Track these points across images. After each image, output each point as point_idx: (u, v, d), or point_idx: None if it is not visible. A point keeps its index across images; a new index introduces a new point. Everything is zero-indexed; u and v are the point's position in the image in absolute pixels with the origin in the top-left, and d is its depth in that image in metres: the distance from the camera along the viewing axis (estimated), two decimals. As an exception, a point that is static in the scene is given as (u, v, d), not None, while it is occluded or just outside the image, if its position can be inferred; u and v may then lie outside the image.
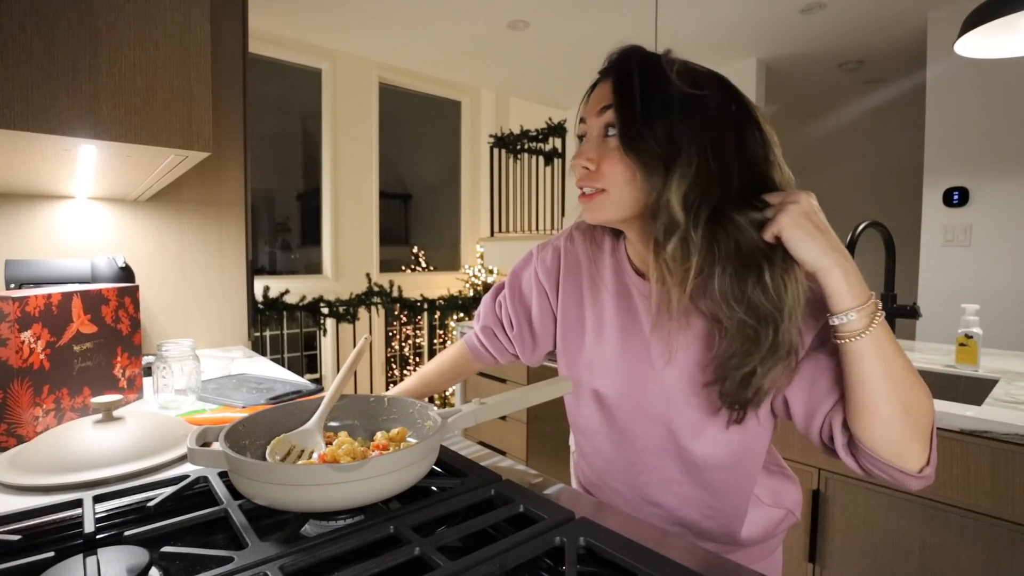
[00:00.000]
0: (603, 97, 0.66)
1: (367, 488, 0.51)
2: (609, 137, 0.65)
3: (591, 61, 3.49)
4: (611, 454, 0.78)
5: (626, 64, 0.66)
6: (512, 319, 0.88)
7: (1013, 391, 1.28)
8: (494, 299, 0.92)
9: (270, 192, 4.87)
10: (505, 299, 0.89)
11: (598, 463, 0.82)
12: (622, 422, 0.75)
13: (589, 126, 0.68)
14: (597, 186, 0.66)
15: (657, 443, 0.73)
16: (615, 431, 0.77)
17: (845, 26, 3.02)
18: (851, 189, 4.67)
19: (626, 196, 0.65)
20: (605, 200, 0.66)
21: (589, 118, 0.68)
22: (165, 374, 1.02)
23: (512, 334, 0.88)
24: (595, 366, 0.77)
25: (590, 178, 0.66)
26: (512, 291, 0.89)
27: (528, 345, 0.88)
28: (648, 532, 0.57)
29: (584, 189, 0.67)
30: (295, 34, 3.50)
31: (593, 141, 0.67)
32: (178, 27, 0.79)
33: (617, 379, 0.74)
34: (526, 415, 2.30)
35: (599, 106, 0.66)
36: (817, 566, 1.34)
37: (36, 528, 0.55)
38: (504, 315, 0.89)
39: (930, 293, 2.86)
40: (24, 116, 0.69)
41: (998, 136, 2.66)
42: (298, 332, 4.62)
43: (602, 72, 0.69)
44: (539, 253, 0.86)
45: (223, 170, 1.63)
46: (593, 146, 0.67)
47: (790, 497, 0.78)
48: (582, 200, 0.68)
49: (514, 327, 0.88)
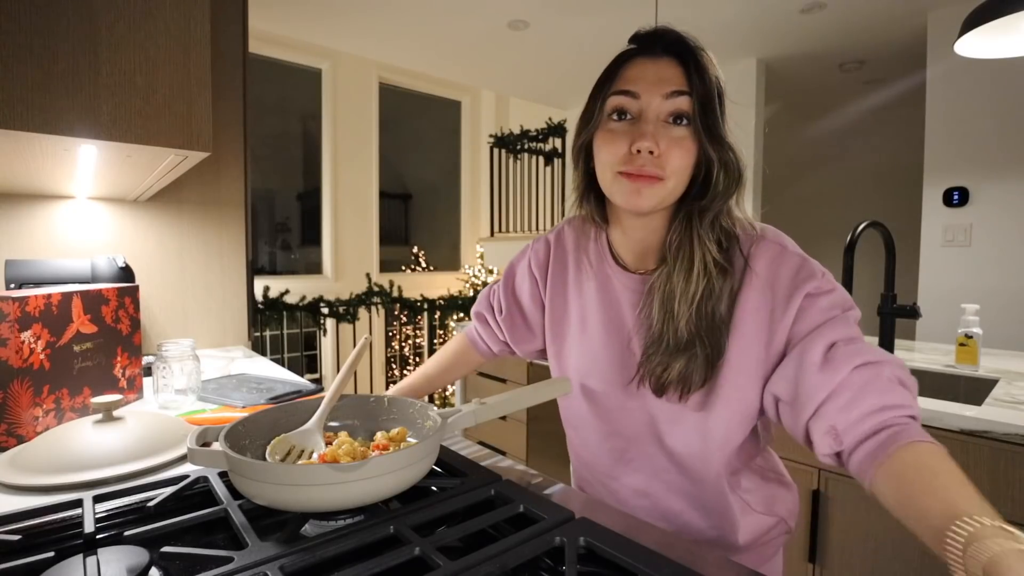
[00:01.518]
0: (670, 79, 0.63)
1: (367, 488, 0.51)
2: (677, 125, 0.63)
3: (591, 61, 3.49)
4: (599, 446, 0.79)
5: (687, 48, 0.64)
6: (503, 304, 0.90)
7: (1013, 391, 1.28)
8: (491, 289, 0.95)
9: (270, 192, 4.87)
10: (499, 287, 0.92)
11: (587, 456, 0.82)
12: (607, 412, 0.76)
13: (646, 105, 0.63)
14: (658, 173, 0.63)
15: (642, 431, 0.73)
16: (601, 421, 0.77)
17: (845, 26, 3.02)
18: (851, 189, 4.67)
19: (678, 192, 0.65)
20: (661, 189, 0.63)
21: (650, 97, 0.63)
22: (165, 374, 1.02)
23: (501, 319, 0.90)
24: (581, 357, 0.78)
25: (655, 164, 0.62)
26: (506, 281, 0.90)
27: (521, 331, 0.89)
28: (648, 532, 0.57)
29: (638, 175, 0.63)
30: (295, 34, 3.50)
31: (656, 124, 0.63)
32: (178, 27, 0.79)
33: (602, 369, 0.75)
34: (526, 415, 2.30)
35: (668, 88, 0.62)
36: (817, 566, 1.34)
37: (36, 528, 0.55)
38: (496, 300, 0.92)
39: (930, 293, 2.86)
40: (24, 116, 0.68)
41: (998, 136, 2.66)
42: (298, 332, 4.62)
43: (645, 47, 0.66)
44: (533, 245, 0.87)
45: (223, 170, 1.63)
46: (659, 130, 0.63)
47: (784, 506, 0.78)
48: (635, 180, 0.63)
49: (503, 311, 0.89)
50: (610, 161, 0.65)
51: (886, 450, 0.52)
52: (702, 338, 0.64)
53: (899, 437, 0.52)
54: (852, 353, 0.57)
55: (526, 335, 0.90)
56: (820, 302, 0.61)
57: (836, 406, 0.56)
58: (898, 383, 0.57)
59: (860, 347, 0.58)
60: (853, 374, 0.56)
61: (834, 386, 0.56)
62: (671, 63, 0.64)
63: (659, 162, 0.62)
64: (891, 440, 0.52)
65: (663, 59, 0.64)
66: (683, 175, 0.64)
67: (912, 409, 0.56)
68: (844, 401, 0.56)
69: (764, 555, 0.77)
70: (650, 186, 0.63)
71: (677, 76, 0.63)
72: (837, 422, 0.56)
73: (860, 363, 0.57)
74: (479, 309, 0.95)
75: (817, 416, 0.57)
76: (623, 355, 0.73)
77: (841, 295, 0.62)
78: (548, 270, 0.83)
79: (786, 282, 0.63)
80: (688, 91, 0.63)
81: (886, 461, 0.51)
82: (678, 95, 0.62)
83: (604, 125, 0.66)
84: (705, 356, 0.65)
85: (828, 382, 0.57)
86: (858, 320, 0.62)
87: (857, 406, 0.55)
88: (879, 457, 0.52)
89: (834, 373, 0.57)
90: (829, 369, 0.57)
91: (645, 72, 0.64)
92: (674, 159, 0.63)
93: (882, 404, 0.55)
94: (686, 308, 0.64)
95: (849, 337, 0.59)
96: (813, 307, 0.61)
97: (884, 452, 0.52)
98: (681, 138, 0.63)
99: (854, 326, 0.61)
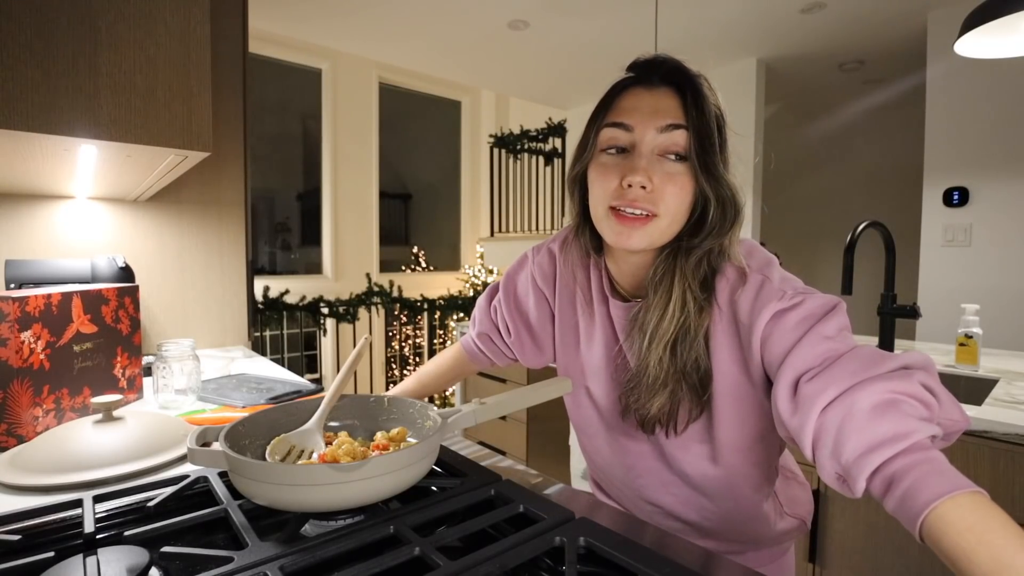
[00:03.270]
0: (666, 111, 0.60)
1: (367, 488, 0.51)
2: (673, 160, 0.60)
3: (591, 61, 3.47)
4: (609, 457, 0.78)
5: (685, 78, 0.61)
6: (509, 325, 0.85)
7: (1013, 391, 1.28)
8: (489, 303, 0.90)
9: (270, 192, 4.87)
10: (500, 304, 0.87)
11: (599, 462, 0.82)
12: (613, 429, 0.75)
13: (640, 138, 0.61)
14: (651, 210, 0.60)
15: (648, 450, 0.72)
16: (609, 435, 0.76)
17: (845, 26, 3.02)
18: (851, 189, 4.67)
19: (674, 228, 0.62)
20: (655, 228, 0.61)
21: (644, 130, 0.61)
22: (165, 374, 1.02)
23: (510, 340, 0.86)
24: (588, 370, 0.76)
25: (648, 199, 0.60)
26: (507, 295, 0.86)
27: (530, 349, 0.86)
28: (648, 532, 0.57)
29: (630, 211, 0.60)
30: (295, 34, 3.50)
31: (650, 158, 0.60)
32: (178, 27, 0.79)
33: (607, 387, 0.74)
34: (526, 415, 2.30)
35: (663, 121, 0.60)
36: (817, 566, 1.34)
37: (36, 528, 0.55)
38: (500, 320, 0.87)
39: (930, 293, 2.86)
40: (24, 116, 0.68)
41: (998, 136, 2.66)
42: (298, 332, 4.62)
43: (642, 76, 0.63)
44: (534, 256, 0.83)
45: (223, 170, 1.63)
46: (653, 165, 0.60)
47: (803, 507, 0.78)
48: (626, 223, 0.60)
49: (511, 333, 0.85)
50: (601, 196, 0.63)
51: (909, 513, 0.45)
52: (679, 378, 0.62)
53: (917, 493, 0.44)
54: (818, 391, 0.51)
55: (535, 353, 0.86)
56: (785, 322, 0.56)
57: (825, 455, 0.50)
58: (886, 407, 0.49)
59: (830, 375, 0.51)
60: (823, 417, 0.50)
61: (813, 433, 0.51)
62: (668, 93, 0.62)
63: (652, 197, 0.60)
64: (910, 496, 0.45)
65: (660, 89, 0.62)
66: (678, 213, 0.61)
67: (910, 436, 0.47)
68: (829, 450, 0.50)
69: (779, 551, 0.78)
70: (641, 227, 0.60)
71: (673, 108, 0.61)
72: (837, 469, 0.50)
73: (828, 401, 0.50)
74: (483, 330, 0.90)
75: (818, 465, 0.52)
76: (619, 380, 0.72)
77: (812, 305, 0.57)
78: (556, 282, 0.80)
79: (746, 308, 0.59)
80: (684, 124, 0.60)
81: (922, 533, 0.44)
82: (674, 128, 0.60)
83: (597, 158, 0.64)
84: (690, 395, 0.63)
85: (805, 429, 0.51)
86: (842, 323, 0.56)
87: (841, 452, 0.49)
88: (909, 523, 0.45)
89: (805, 418, 0.51)
90: (800, 414, 0.52)
91: (640, 103, 0.62)
92: (668, 196, 0.60)
93: (866, 445, 0.48)
94: (659, 347, 0.62)
95: (819, 362, 0.53)
96: (778, 331, 0.57)
97: (908, 518, 0.45)
98: (676, 174, 0.60)
99: (830, 338, 0.54)
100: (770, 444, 0.68)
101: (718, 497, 0.70)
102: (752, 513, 0.71)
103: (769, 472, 0.71)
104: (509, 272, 0.87)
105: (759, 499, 0.71)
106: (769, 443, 0.67)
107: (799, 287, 0.60)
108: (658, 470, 0.73)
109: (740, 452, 0.66)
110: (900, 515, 0.46)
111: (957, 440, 1.10)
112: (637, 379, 0.66)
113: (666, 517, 0.76)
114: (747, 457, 0.67)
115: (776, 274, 0.61)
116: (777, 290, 0.58)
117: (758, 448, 0.67)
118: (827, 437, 0.50)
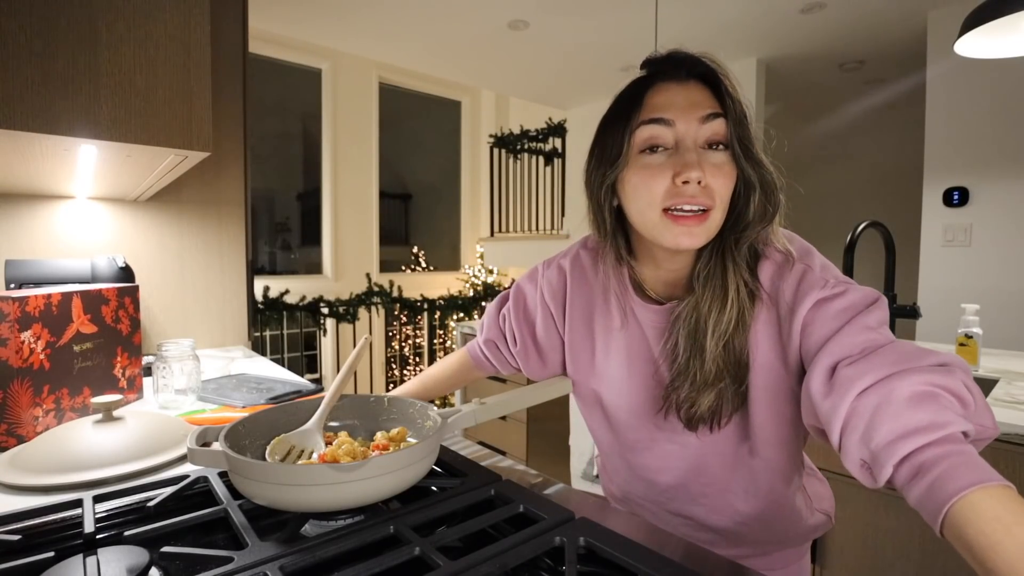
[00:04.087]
0: (702, 102, 0.60)
1: (367, 488, 0.51)
2: (715, 151, 0.60)
3: (591, 61, 3.47)
4: (628, 473, 0.77)
5: (711, 69, 0.61)
6: (516, 335, 0.85)
7: (1013, 391, 1.28)
8: (498, 311, 0.89)
9: (270, 192, 4.87)
10: (509, 313, 0.86)
11: (619, 479, 0.81)
12: (635, 443, 0.74)
13: (683, 133, 0.60)
14: (708, 204, 0.59)
15: (673, 463, 0.71)
16: (628, 451, 0.75)
17: (845, 26, 3.02)
18: (851, 189, 4.67)
19: (721, 221, 0.61)
20: (712, 222, 0.60)
21: (686, 122, 0.59)
22: (165, 374, 1.02)
23: (516, 351, 0.85)
24: (608, 391, 0.75)
25: (704, 194, 0.59)
26: (517, 306, 0.85)
27: (534, 362, 0.85)
28: (648, 532, 0.57)
29: (688, 208, 0.59)
30: (295, 34, 3.50)
31: (697, 152, 0.60)
32: (178, 27, 0.79)
33: (628, 402, 0.73)
34: (526, 415, 2.30)
35: (702, 112, 0.59)
36: (817, 566, 1.34)
37: (36, 528, 0.55)
38: (508, 330, 0.87)
39: (930, 293, 2.86)
40: (24, 116, 0.68)
41: (998, 136, 2.66)
42: (298, 332, 4.62)
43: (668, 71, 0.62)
44: (544, 271, 0.82)
45: (223, 170, 1.63)
46: (702, 158, 0.59)
47: (828, 501, 0.78)
48: (683, 223, 0.59)
49: (517, 343, 0.85)
50: (651, 199, 0.60)
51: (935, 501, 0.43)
52: (730, 371, 0.62)
53: (946, 482, 0.43)
54: (856, 375, 0.51)
55: (539, 365, 0.85)
56: (827, 310, 0.57)
57: (854, 440, 0.50)
58: (924, 397, 0.48)
59: (869, 362, 0.51)
60: (859, 401, 0.50)
61: (845, 416, 0.51)
62: (698, 86, 0.61)
63: (707, 191, 0.59)
64: (939, 485, 0.44)
65: (690, 82, 0.61)
66: (726, 203, 0.61)
67: (946, 427, 0.46)
68: (859, 434, 0.49)
69: (802, 550, 0.79)
70: (699, 224, 0.59)
71: (708, 98, 0.60)
72: (863, 455, 0.50)
73: (866, 386, 0.50)
74: (491, 337, 0.89)
75: (843, 450, 0.51)
76: (648, 386, 0.70)
77: (854, 296, 0.57)
78: (566, 301, 0.78)
79: (788, 296, 0.60)
80: (723, 113, 0.60)
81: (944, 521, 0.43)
82: (714, 118, 0.59)
83: (636, 160, 0.61)
84: (735, 388, 0.63)
85: (838, 411, 0.51)
86: (883, 316, 0.56)
87: (872, 437, 0.48)
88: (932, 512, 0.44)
89: (839, 401, 0.51)
90: (834, 396, 0.52)
91: (675, 97, 0.60)
92: (719, 187, 0.59)
93: (900, 431, 0.47)
94: (715, 342, 0.61)
95: (859, 351, 0.53)
96: (819, 318, 0.57)
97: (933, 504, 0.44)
98: (721, 164, 0.60)
99: (871, 329, 0.54)
100: (800, 436, 0.67)
101: (753, 496, 0.69)
102: (786, 510, 0.71)
103: (799, 466, 0.71)
104: (520, 283, 0.86)
105: (792, 494, 0.70)
106: (800, 435, 0.67)
107: (840, 276, 0.60)
108: (686, 479, 0.71)
109: (776, 445, 0.66)
110: (924, 503, 0.45)
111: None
112: (685, 377, 0.64)
113: (696, 529, 0.74)
114: (782, 450, 0.66)
115: (817, 262, 0.61)
116: (820, 278, 0.59)
117: (792, 440, 0.66)
118: (859, 420, 0.50)
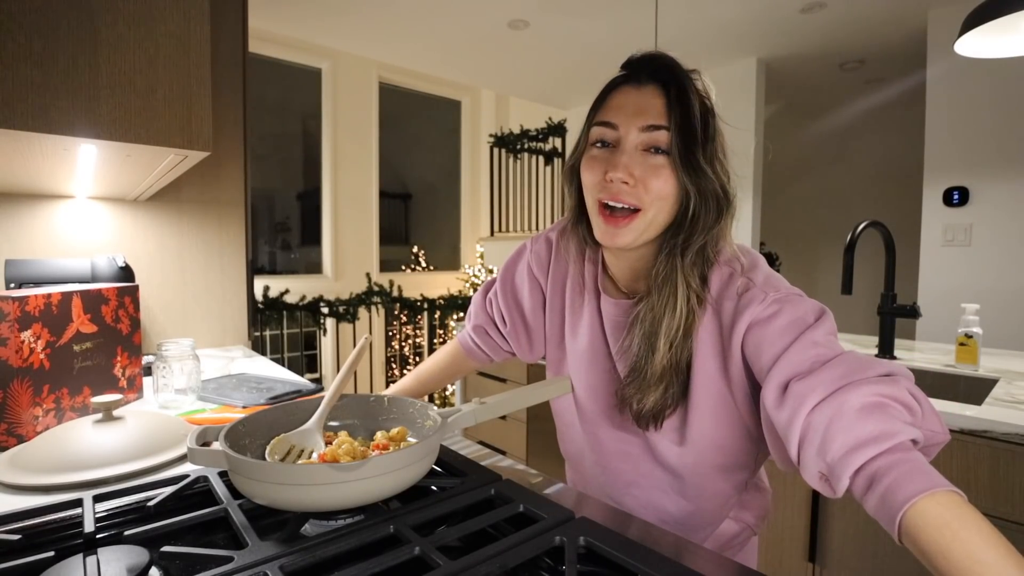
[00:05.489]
0: (649, 109, 0.62)
1: (367, 488, 0.51)
2: (655, 154, 0.62)
3: (591, 61, 3.47)
4: (582, 446, 0.80)
5: (672, 76, 0.63)
6: (505, 315, 0.86)
7: (1013, 391, 1.28)
8: (484, 296, 0.91)
9: (270, 192, 4.86)
10: (496, 295, 0.88)
11: (571, 450, 0.84)
12: (590, 424, 0.77)
13: (625, 135, 0.63)
14: (633, 204, 0.62)
15: (625, 447, 0.74)
16: (583, 426, 0.79)
17: (845, 26, 3.02)
18: (851, 189, 4.67)
19: (661, 220, 0.64)
20: (640, 222, 0.63)
21: (627, 128, 0.63)
22: (165, 374, 1.02)
23: (506, 331, 0.87)
24: (571, 361, 0.78)
25: (630, 194, 0.62)
26: (504, 286, 0.87)
27: (523, 341, 0.87)
28: (648, 532, 0.57)
29: (614, 204, 0.63)
30: (295, 34, 3.50)
31: (632, 154, 0.62)
32: (178, 27, 0.79)
33: (586, 380, 0.76)
34: (526, 415, 2.30)
35: (645, 121, 0.62)
36: (817, 566, 1.34)
37: (36, 528, 0.55)
38: (496, 312, 0.88)
39: (930, 293, 2.86)
40: (24, 116, 0.68)
41: (998, 136, 2.66)
42: (298, 332, 4.61)
43: (632, 74, 0.65)
44: (532, 245, 0.85)
45: (223, 170, 1.63)
46: (634, 159, 0.62)
47: (753, 513, 0.77)
48: (610, 222, 0.63)
49: (507, 323, 0.86)
50: (589, 186, 0.66)
51: (888, 511, 0.45)
52: (675, 372, 0.65)
53: (895, 491, 0.45)
54: (807, 390, 0.52)
55: (529, 344, 0.87)
56: (771, 329, 0.58)
57: (811, 453, 0.51)
58: (873, 408, 0.50)
59: (818, 377, 0.53)
60: (812, 415, 0.51)
61: (801, 431, 0.52)
62: (654, 92, 0.63)
63: (635, 192, 0.62)
64: (889, 495, 0.46)
65: (647, 87, 0.64)
66: (664, 204, 0.63)
67: (895, 436, 0.48)
68: (815, 448, 0.51)
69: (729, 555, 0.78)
70: (627, 224, 0.63)
71: (657, 107, 0.62)
72: (821, 468, 0.51)
73: (817, 400, 0.52)
74: (478, 323, 0.91)
75: (801, 464, 0.53)
76: (606, 379, 0.74)
77: (794, 311, 0.58)
78: (549, 268, 0.81)
79: (729, 310, 0.62)
80: (666, 125, 0.62)
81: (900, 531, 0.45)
82: (655, 129, 0.62)
83: (587, 151, 0.67)
84: (679, 387, 0.66)
85: (793, 426, 0.52)
86: (830, 329, 0.57)
87: (828, 450, 0.50)
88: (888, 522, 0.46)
89: (794, 415, 0.52)
90: (788, 411, 0.53)
91: (626, 102, 0.64)
92: (652, 187, 0.62)
93: (852, 443, 0.49)
94: (665, 344, 0.64)
95: (808, 367, 0.54)
96: (767, 338, 0.58)
97: (887, 514, 0.46)
98: (659, 166, 0.62)
99: (818, 344, 0.56)
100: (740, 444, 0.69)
101: (679, 496, 0.73)
102: (708, 516, 0.74)
103: (734, 473, 0.72)
104: (507, 262, 0.88)
105: (721, 502, 0.73)
106: (740, 444, 0.69)
107: (782, 290, 0.61)
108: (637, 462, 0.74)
109: (711, 449, 0.69)
110: (880, 514, 0.47)
111: (958, 440, 1.11)
112: (636, 374, 0.67)
113: (638, 503, 0.77)
114: (716, 454, 0.69)
115: (760, 276, 0.62)
116: (759, 293, 0.60)
117: (729, 446, 0.69)
118: (814, 435, 0.51)
